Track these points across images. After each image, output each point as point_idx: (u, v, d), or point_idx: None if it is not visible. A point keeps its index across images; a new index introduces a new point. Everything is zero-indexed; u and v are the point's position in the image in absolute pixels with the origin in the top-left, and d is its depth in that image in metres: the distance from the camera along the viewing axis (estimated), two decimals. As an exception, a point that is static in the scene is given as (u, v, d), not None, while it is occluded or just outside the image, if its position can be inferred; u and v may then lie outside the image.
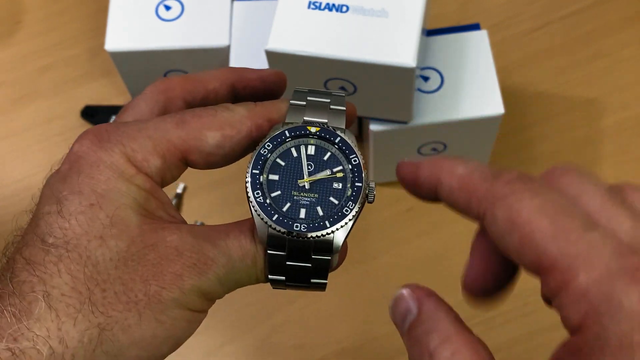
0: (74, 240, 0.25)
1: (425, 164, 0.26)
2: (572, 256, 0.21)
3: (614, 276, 0.20)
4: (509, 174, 0.23)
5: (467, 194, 0.24)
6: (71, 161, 0.27)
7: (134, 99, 0.30)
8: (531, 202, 0.22)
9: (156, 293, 0.25)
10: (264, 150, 0.27)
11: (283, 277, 0.27)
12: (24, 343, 0.23)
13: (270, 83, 0.32)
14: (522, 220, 0.22)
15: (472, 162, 0.25)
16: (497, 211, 0.23)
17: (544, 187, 0.23)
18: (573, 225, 0.22)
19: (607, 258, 0.21)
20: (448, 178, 0.25)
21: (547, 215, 0.22)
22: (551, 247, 0.21)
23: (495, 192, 0.23)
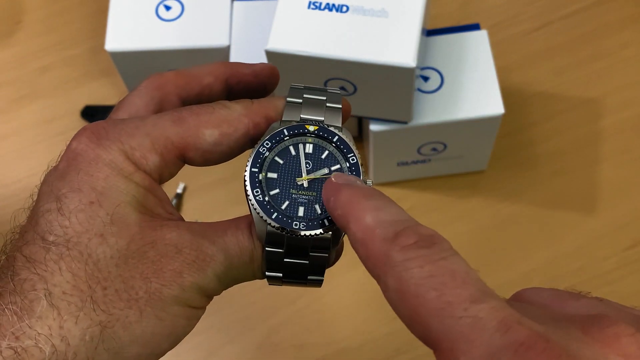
0: (74, 238, 0.25)
1: (341, 196, 0.24)
2: (455, 336, 0.19)
3: (495, 355, 0.18)
4: (406, 237, 0.21)
5: (366, 251, 0.22)
6: (69, 158, 0.27)
7: (128, 95, 0.30)
8: (421, 270, 0.20)
9: (156, 290, 0.25)
10: (262, 149, 0.27)
11: (280, 273, 0.27)
12: (26, 342, 0.23)
13: (264, 77, 0.32)
14: (409, 292, 0.20)
15: (384, 211, 0.23)
16: (388, 279, 0.21)
17: (442, 251, 0.21)
18: (460, 298, 0.20)
19: (490, 335, 0.19)
20: (355, 226, 0.23)
21: (434, 287, 0.20)
22: (435, 324, 0.20)
23: (389, 257, 0.21)
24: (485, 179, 0.59)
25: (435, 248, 0.21)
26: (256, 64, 0.32)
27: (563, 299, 0.23)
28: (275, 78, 0.32)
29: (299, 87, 0.29)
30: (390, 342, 0.53)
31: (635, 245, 0.56)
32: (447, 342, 0.20)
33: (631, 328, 0.20)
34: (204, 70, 0.31)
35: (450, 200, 0.59)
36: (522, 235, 0.57)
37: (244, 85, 0.31)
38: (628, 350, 0.19)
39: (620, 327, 0.20)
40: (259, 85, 0.32)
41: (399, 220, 0.22)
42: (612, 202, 0.58)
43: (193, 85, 0.30)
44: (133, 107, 0.29)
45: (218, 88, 0.31)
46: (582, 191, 0.58)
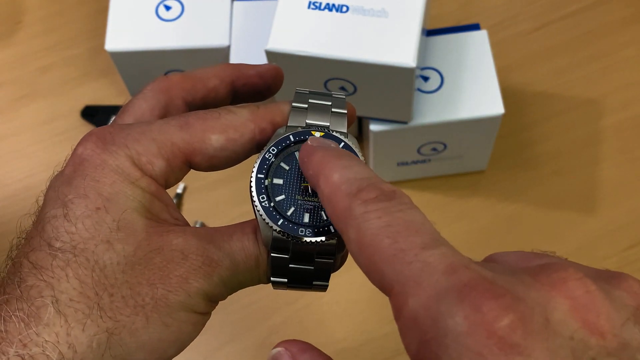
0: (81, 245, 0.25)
1: (314, 157, 0.25)
2: (405, 279, 0.20)
3: (441, 296, 0.19)
4: (368, 192, 0.22)
5: (332, 207, 0.23)
6: (75, 164, 0.26)
7: (133, 99, 0.30)
8: (378, 221, 0.21)
9: (163, 296, 0.25)
10: (268, 155, 0.27)
11: (285, 279, 0.27)
12: (33, 349, 0.23)
13: (269, 78, 0.32)
14: (366, 242, 0.21)
15: (351, 169, 0.23)
16: (349, 231, 0.22)
17: (400, 204, 0.22)
18: (412, 245, 0.20)
19: (437, 277, 0.19)
20: (323, 183, 0.23)
21: (388, 235, 0.21)
22: (388, 270, 0.20)
23: (351, 210, 0.22)
24: (485, 179, 0.59)
25: (394, 201, 0.22)
26: (261, 65, 0.32)
27: (528, 258, 0.24)
28: (279, 79, 0.32)
29: (304, 92, 0.29)
30: (390, 342, 0.53)
31: (635, 245, 0.56)
32: (398, 286, 0.20)
33: (579, 272, 0.20)
34: (209, 73, 0.31)
35: (450, 200, 0.59)
36: (522, 235, 0.57)
37: (249, 87, 0.31)
38: (574, 293, 0.19)
39: (568, 272, 0.20)
40: (263, 87, 0.32)
41: (363, 177, 0.23)
42: (612, 202, 0.58)
43: (199, 88, 0.30)
44: (139, 111, 0.29)
45: (224, 90, 0.31)
46: (582, 191, 0.58)
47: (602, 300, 0.19)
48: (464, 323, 0.18)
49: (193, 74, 0.31)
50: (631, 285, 0.21)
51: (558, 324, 0.19)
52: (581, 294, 0.19)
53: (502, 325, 0.18)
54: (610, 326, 0.19)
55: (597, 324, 0.19)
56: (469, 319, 0.18)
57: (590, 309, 0.19)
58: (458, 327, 0.18)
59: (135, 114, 0.29)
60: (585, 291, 0.19)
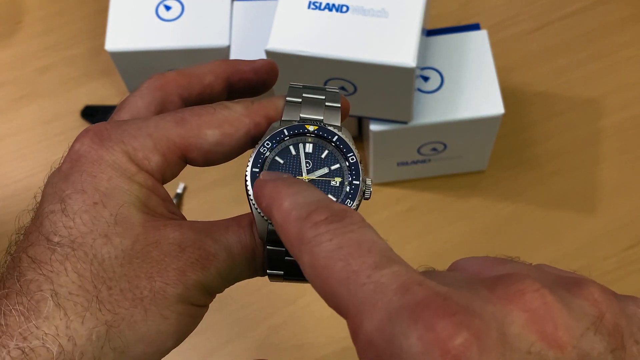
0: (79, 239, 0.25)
1: (266, 190, 0.24)
2: (359, 302, 0.19)
3: (394, 317, 0.18)
4: (317, 214, 0.22)
5: (284, 235, 0.23)
6: (72, 160, 0.27)
7: (129, 96, 0.30)
8: (329, 244, 0.21)
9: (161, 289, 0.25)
10: (263, 149, 0.27)
11: (282, 271, 0.28)
12: (33, 342, 0.23)
13: (263, 73, 0.32)
14: (319, 265, 0.21)
15: (301, 195, 0.23)
16: (303, 256, 0.21)
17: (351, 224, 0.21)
18: (364, 265, 0.20)
19: (390, 297, 0.19)
20: (276, 212, 0.23)
21: (341, 258, 0.20)
22: (343, 292, 0.20)
23: (303, 235, 0.22)
24: (485, 179, 0.59)
25: (345, 222, 0.21)
26: (255, 61, 0.32)
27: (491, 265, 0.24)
28: (274, 73, 0.32)
29: (298, 86, 0.30)
30: (390, 342, 0.53)
31: (635, 245, 0.56)
32: (353, 308, 0.20)
33: (536, 284, 0.19)
34: (204, 69, 0.31)
35: (450, 200, 0.59)
36: (522, 235, 0.57)
37: (244, 82, 0.32)
38: (531, 305, 0.19)
39: (525, 283, 0.19)
40: (258, 82, 0.32)
41: (312, 200, 0.23)
42: (612, 202, 0.58)
43: (194, 84, 0.31)
44: (135, 108, 0.29)
45: (219, 86, 0.31)
46: (582, 191, 0.58)
47: (559, 311, 0.19)
48: (418, 344, 0.18)
49: (188, 70, 0.31)
50: (592, 293, 0.20)
51: (515, 338, 0.18)
52: (538, 305, 0.19)
53: (456, 343, 0.18)
54: (569, 337, 0.18)
55: (555, 335, 0.18)
56: (422, 339, 0.18)
57: (547, 321, 0.19)
58: (412, 347, 0.18)
59: (131, 110, 0.29)
60: (543, 302, 0.19)
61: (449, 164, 0.58)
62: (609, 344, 0.19)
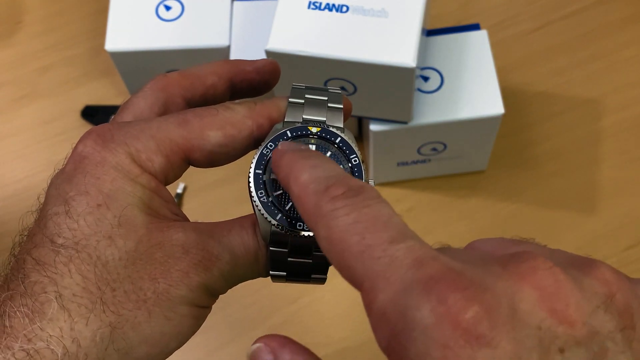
0: (83, 241, 0.25)
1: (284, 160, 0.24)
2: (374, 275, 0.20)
3: (408, 290, 0.19)
4: (335, 189, 0.22)
5: (302, 207, 0.23)
6: (75, 161, 0.27)
7: (133, 97, 0.30)
8: (346, 218, 0.21)
9: (164, 291, 0.25)
10: (266, 150, 0.28)
11: (284, 272, 0.28)
12: (38, 343, 0.23)
13: (266, 73, 0.32)
14: (335, 239, 0.21)
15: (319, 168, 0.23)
16: (319, 229, 0.22)
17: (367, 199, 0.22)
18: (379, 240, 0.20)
19: (404, 271, 0.19)
20: (293, 184, 0.23)
21: (357, 232, 0.21)
22: (358, 266, 0.20)
23: (320, 208, 0.22)
24: (485, 179, 0.59)
25: (361, 196, 0.22)
26: (258, 61, 0.32)
27: (507, 246, 0.24)
28: (276, 73, 0.32)
29: (300, 87, 0.30)
30: (390, 342, 0.53)
31: (635, 245, 0.56)
32: (367, 281, 0.20)
33: (548, 262, 0.20)
34: (207, 70, 0.31)
35: (450, 200, 0.59)
36: (522, 235, 0.57)
37: (247, 82, 0.32)
38: (543, 283, 0.19)
39: (538, 261, 0.20)
40: (261, 82, 0.32)
41: (331, 175, 0.23)
42: (612, 202, 0.58)
43: (197, 85, 0.31)
44: (138, 109, 0.29)
45: (222, 87, 0.31)
46: (582, 191, 0.58)
47: (570, 289, 0.19)
48: (430, 316, 0.18)
49: (191, 71, 0.31)
50: (603, 273, 0.21)
51: (525, 314, 0.19)
52: (550, 283, 0.19)
53: (467, 316, 0.18)
54: (579, 314, 0.19)
55: (565, 312, 0.19)
56: (434, 312, 0.18)
57: (558, 298, 0.19)
58: (425, 319, 0.18)
59: (134, 112, 0.29)
60: (554, 280, 0.19)
61: (449, 164, 0.58)
62: (619, 322, 0.19)
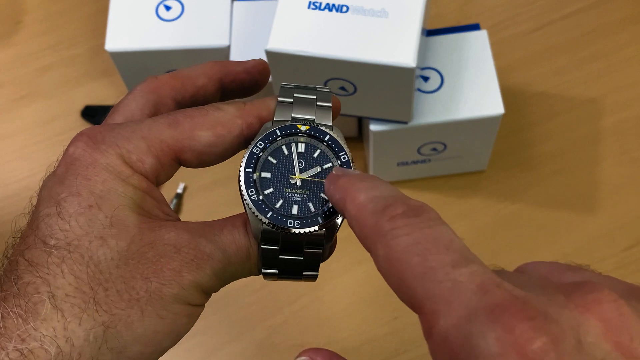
0: (75, 242, 0.25)
1: (339, 183, 0.25)
2: (436, 298, 0.20)
3: (472, 317, 0.19)
4: (394, 208, 0.22)
5: (359, 226, 0.23)
6: (67, 163, 0.27)
7: (123, 99, 0.30)
8: (407, 238, 0.21)
9: (157, 290, 0.25)
10: (256, 149, 0.28)
11: (276, 270, 0.28)
12: (31, 343, 0.23)
13: (256, 74, 0.32)
14: (395, 259, 0.21)
15: (376, 189, 0.24)
16: (378, 249, 0.22)
17: (428, 220, 0.22)
18: (442, 263, 0.20)
19: (469, 297, 0.19)
20: (350, 205, 0.24)
21: (418, 253, 0.21)
22: (419, 288, 0.20)
23: (379, 228, 0.22)
24: (485, 179, 0.59)
25: (422, 217, 0.22)
26: (247, 61, 0.32)
27: (561, 271, 0.24)
28: (266, 73, 0.33)
29: (289, 86, 0.30)
30: (390, 342, 0.53)
31: (635, 245, 0.56)
32: (429, 304, 0.20)
33: (614, 294, 0.20)
34: (197, 72, 0.31)
35: (450, 200, 0.59)
36: (522, 235, 0.57)
37: (237, 83, 0.32)
38: (608, 315, 0.19)
39: (603, 293, 0.20)
40: (251, 82, 0.32)
41: (389, 195, 0.23)
42: (612, 202, 0.58)
43: (187, 87, 0.31)
44: (129, 111, 0.30)
45: (212, 88, 0.31)
46: (582, 191, 0.58)
47: (635, 322, 0.19)
48: (496, 344, 0.18)
49: (182, 73, 0.31)
50: None
51: (590, 346, 0.18)
52: (614, 316, 0.19)
53: (534, 347, 0.18)
54: None
55: (630, 347, 0.19)
56: (500, 340, 0.18)
57: (623, 332, 0.19)
58: (490, 348, 0.18)
59: (125, 113, 0.30)
60: (619, 313, 0.19)
61: (449, 164, 0.58)
62: None
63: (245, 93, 0.33)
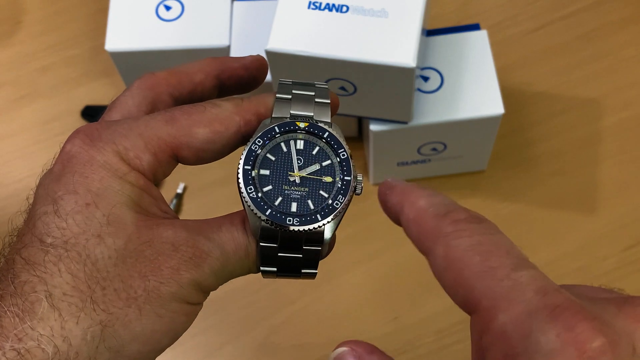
0: (72, 240, 0.25)
1: (397, 189, 0.27)
2: (496, 295, 0.21)
3: (533, 314, 0.20)
4: (457, 214, 0.24)
5: (418, 227, 0.25)
6: (64, 161, 0.27)
7: (120, 96, 0.30)
8: (469, 239, 0.22)
9: (155, 288, 0.25)
10: (254, 146, 0.28)
11: (275, 268, 0.28)
12: (29, 343, 0.23)
13: (253, 70, 0.32)
14: (455, 257, 0.22)
15: (436, 197, 0.25)
16: (437, 248, 0.23)
17: (489, 228, 0.23)
18: (503, 264, 0.21)
19: (529, 297, 0.20)
20: (408, 208, 0.25)
21: (479, 253, 0.22)
22: (478, 285, 0.21)
23: (440, 229, 0.23)
24: (485, 179, 0.59)
25: (484, 225, 0.23)
26: (245, 57, 0.32)
27: (597, 292, 0.25)
28: (264, 69, 0.32)
29: (287, 82, 0.30)
30: (390, 342, 0.53)
31: (635, 245, 0.56)
32: (487, 301, 0.21)
33: None
34: (195, 68, 0.31)
35: (450, 200, 0.59)
36: (522, 235, 0.57)
37: (235, 79, 0.32)
38: None
39: None
40: (249, 78, 0.32)
41: (450, 203, 0.25)
42: (612, 202, 0.58)
43: (185, 83, 0.31)
44: (125, 108, 0.30)
45: (210, 84, 0.31)
46: (582, 191, 0.58)
47: None
48: (556, 341, 0.19)
49: (179, 69, 0.31)
50: None
51: None
52: None
53: (593, 346, 0.19)
54: None
55: None
56: (561, 337, 0.19)
57: None
58: (550, 344, 0.19)
59: (122, 110, 0.29)
60: None
61: (449, 164, 0.58)
62: None
63: (243, 89, 0.33)
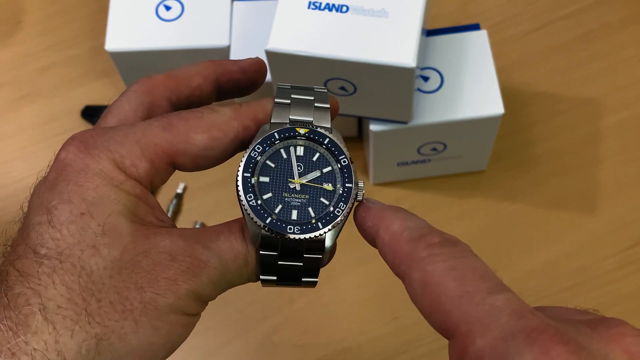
0: (66, 251, 0.24)
1: (372, 211, 0.26)
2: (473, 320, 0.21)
3: (509, 338, 0.20)
4: (431, 237, 0.24)
5: (393, 252, 0.24)
6: (58, 169, 0.26)
7: (117, 100, 0.30)
8: (443, 264, 0.22)
9: (151, 300, 0.25)
10: (254, 153, 0.27)
11: (275, 276, 0.27)
12: (22, 357, 0.23)
13: (252, 73, 0.31)
14: (432, 282, 0.22)
15: (410, 220, 0.25)
16: (413, 273, 0.23)
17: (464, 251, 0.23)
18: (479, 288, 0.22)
19: (505, 321, 0.20)
20: (383, 232, 0.25)
21: (455, 278, 0.22)
22: (455, 310, 0.21)
23: (415, 254, 0.23)
24: (485, 179, 0.59)
25: (458, 248, 0.23)
26: (243, 60, 0.31)
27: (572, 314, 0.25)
28: (263, 72, 0.32)
29: (285, 87, 0.29)
30: (390, 342, 0.53)
31: (635, 245, 0.56)
32: (464, 326, 0.21)
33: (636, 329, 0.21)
34: (192, 71, 0.31)
35: (450, 200, 0.59)
36: (522, 235, 0.57)
37: (233, 82, 0.31)
38: (632, 348, 0.20)
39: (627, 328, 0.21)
40: (247, 82, 0.32)
41: (424, 226, 0.25)
42: (612, 202, 0.58)
43: (182, 87, 0.30)
44: (122, 113, 0.29)
45: (208, 88, 0.31)
46: (582, 191, 0.58)
47: None
48: None
49: (176, 73, 0.30)
50: None
51: None
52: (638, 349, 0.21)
53: None
54: None
55: None
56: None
57: None
58: None
59: (118, 115, 0.29)
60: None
61: (449, 164, 0.58)
62: None
63: (242, 92, 0.32)
